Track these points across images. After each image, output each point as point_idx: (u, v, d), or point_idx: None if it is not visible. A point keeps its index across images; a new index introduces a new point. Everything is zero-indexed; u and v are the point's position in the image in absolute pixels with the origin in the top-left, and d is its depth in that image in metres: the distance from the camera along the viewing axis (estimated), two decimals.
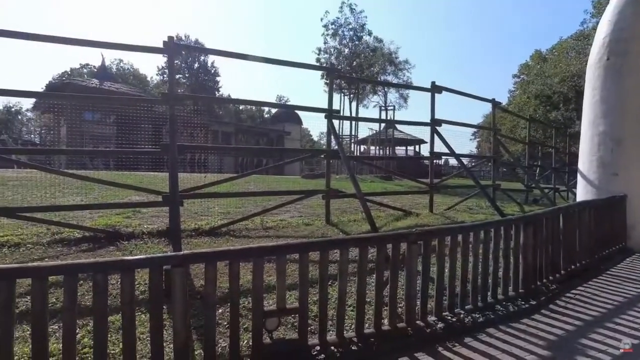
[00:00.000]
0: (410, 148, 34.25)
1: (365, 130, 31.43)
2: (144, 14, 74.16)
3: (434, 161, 8.55)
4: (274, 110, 47.16)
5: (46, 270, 2.09)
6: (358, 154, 26.96)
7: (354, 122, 27.67)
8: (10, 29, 4.33)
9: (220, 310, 3.09)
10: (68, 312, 2.14)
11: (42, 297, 2.06)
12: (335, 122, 6.82)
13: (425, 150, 28.77)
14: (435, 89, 7.85)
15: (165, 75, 44.70)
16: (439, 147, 8.09)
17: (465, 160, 10.88)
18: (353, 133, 27.95)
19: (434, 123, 7.80)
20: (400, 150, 32.73)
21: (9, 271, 2.04)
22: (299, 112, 28.61)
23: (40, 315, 2.07)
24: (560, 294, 3.95)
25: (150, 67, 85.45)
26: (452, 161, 33.17)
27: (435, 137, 7.88)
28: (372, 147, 28.81)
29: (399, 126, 26.46)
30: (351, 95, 29.73)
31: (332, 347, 2.74)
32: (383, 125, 26.60)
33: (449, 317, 3.24)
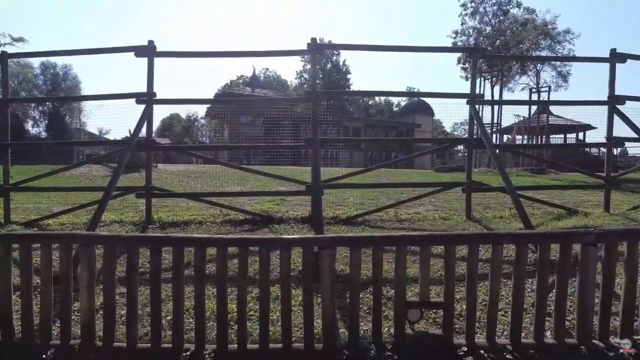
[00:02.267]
0: (571, 136, 28.40)
1: (509, 118, 27.35)
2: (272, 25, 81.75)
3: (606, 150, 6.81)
4: (403, 103, 46.03)
5: (227, 242, 2.54)
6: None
7: (496, 110, 24.56)
8: (197, 50, 5.39)
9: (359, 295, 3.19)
10: (241, 277, 2.56)
11: (224, 263, 2.52)
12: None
13: (591, 137, 23.38)
14: (615, 57, 6.24)
15: (302, 79, 48.89)
16: (618, 131, 6.42)
17: None
18: (495, 121, 24.82)
19: (614, 101, 6.22)
20: (556, 140, 27.47)
21: (203, 240, 2.57)
22: (430, 103, 27.15)
23: (222, 278, 2.54)
24: None
25: (290, 72, 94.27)
26: (633, 150, 26.12)
27: (615, 119, 6.28)
28: (519, 137, 25.05)
29: (555, 110, 22.20)
30: (493, 79, 26.45)
31: (482, 351, 2.50)
32: (534, 110, 22.82)
33: None
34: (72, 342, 2.54)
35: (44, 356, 2.47)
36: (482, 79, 25.34)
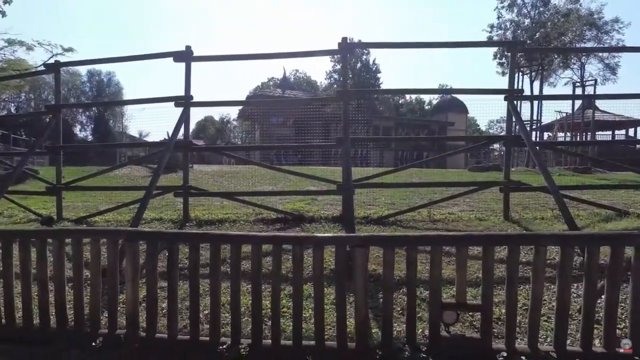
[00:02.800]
0: (619, 132, 26.48)
1: (550, 114, 25.84)
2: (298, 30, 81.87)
3: None
4: (434, 101, 44.95)
5: (261, 239, 2.60)
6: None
7: (535, 106, 23.32)
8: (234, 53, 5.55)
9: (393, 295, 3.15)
10: (275, 275, 2.60)
11: (259, 260, 2.58)
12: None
13: None
14: None
15: (331, 79, 48.96)
16: None
17: None
18: (535, 118, 23.56)
19: None
20: (602, 137, 25.66)
21: (238, 238, 2.64)
22: (464, 100, 26.29)
23: (256, 275, 2.59)
24: None
25: (319, 73, 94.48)
26: None
27: None
28: (561, 134, 23.64)
29: (602, 105, 20.75)
30: (533, 74, 25.13)
31: (523, 357, 2.39)
32: (578, 105, 21.48)
33: None
34: (118, 332, 2.70)
35: (93, 344, 2.64)
36: (521, 74, 24.16)
